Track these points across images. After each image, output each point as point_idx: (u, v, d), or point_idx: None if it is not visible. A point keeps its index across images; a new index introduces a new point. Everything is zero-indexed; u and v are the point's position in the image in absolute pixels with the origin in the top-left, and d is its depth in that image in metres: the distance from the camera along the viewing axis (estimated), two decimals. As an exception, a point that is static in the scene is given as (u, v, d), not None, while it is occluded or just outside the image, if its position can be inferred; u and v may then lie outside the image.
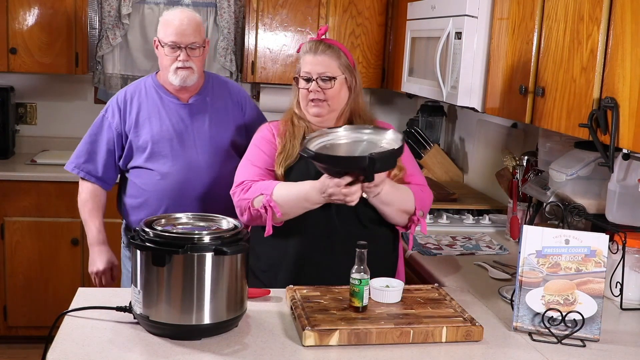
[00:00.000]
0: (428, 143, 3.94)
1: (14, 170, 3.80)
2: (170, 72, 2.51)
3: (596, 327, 1.82)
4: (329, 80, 2.18)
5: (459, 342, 1.76)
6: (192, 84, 2.56)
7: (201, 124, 2.59)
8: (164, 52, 2.51)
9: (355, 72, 2.26)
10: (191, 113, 2.59)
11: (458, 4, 2.70)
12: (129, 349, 1.64)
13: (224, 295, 1.70)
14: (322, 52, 2.20)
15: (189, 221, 1.86)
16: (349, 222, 2.16)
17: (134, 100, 2.60)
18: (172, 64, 2.50)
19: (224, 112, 2.65)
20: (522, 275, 1.84)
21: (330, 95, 2.19)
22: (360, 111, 2.27)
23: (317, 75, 2.18)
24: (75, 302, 1.89)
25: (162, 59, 2.54)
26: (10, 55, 3.85)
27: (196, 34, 2.52)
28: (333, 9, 3.98)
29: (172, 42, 2.48)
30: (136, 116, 2.59)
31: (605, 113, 1.87)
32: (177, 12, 2.55)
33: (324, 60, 2.19)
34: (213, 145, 2.59)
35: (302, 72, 2.22)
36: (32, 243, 3.76)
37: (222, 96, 2.66)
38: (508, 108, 2.45)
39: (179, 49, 2.48)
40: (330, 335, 1.69)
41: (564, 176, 2.30)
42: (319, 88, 2.18)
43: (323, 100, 2.19)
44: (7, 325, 3.83)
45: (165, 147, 2.55)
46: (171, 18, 2.52)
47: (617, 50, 1.85)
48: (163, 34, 2.51)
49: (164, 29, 2.52)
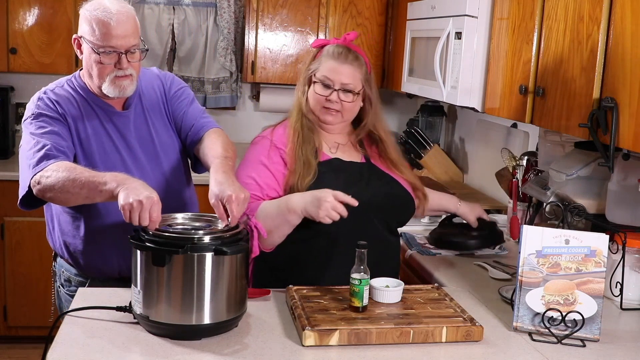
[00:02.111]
0: (428, 143, 3.94)
1: (14, 170, 3.80)
2: (105, 83, 2.05)
3: (596, 327, 1.82)
4: (351, 93, 2.12)
5: (459, 342, 1.76)
6: (131, 94, 2.13)
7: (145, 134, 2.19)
8: (97, 58, 2.03)
9: (371, 79, 2.19)
10: (134, 124, 2.18)
11: (458, 4, 2.70)
12: (129, 349, 1.64)
13: (224, 295, 1.70)
14: (350, 62, 2.11)
15: (184, 221, 1.85)
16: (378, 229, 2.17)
17: (66, 111, 2.11)
18: (110, 73, 2.04)
19: (157, 108, 2.24)
20: (522, 275, 1.84)
21: (347, 108, 2.14)
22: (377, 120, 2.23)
23: (340, 85, 2.10)
24: (75, 302, 1.89)
25: (93, 66, 2.05)
26: (10, 55, 3.85)
27: (135, 34, 2.06)
28: (333, 9, 3.98)
29: (110, 46, 2.01)
30: (77, 134, 2.11)
31: (605, 113, 1.87)
32: (107, 4, 2.02)
33: (350, 72, 2.11)
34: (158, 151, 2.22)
35: (323, 76, 2.11)
36: (32, 243, 3.76)
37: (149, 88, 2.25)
38: (508, 108, 2.45)
39: (117, 55, 2.03)
40: (330, 335, 1.69)
41: (564, 176, 2.30)
42: (338, 99, 2.11)
43: (338, 111, 2.14)
44: (7, 325, 3.84)
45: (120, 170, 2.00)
46: (104, 15, 2.00)
47: (617, 50, 1.85)
48: (96, 36, 2.01)
49: (97, 27, 2.00)
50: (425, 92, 3.09)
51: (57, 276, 2.35)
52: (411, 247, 2.68)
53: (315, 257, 2.11)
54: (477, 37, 2.64)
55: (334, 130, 2.21)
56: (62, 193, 1.92)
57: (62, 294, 2.33)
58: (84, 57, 2.09)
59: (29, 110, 2.12)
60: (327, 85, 2.11)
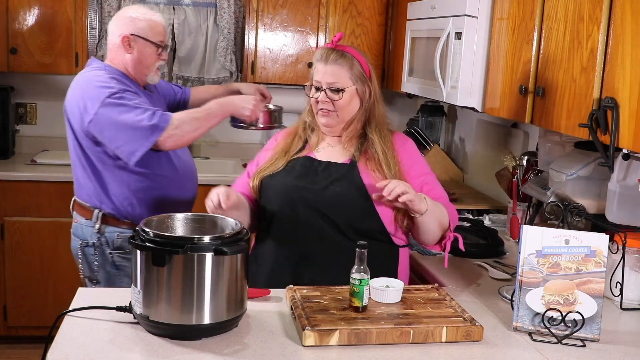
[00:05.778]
0: (428, 143, 3.95)
1: (14, 170, 3.80)
2: (152, 71, 2.63)
3: (596, 327, 1.82)
4: (338, 91, 2.15)
5: (459, 342, 1.76)
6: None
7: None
8: (151, 50, 2.59)
9: (371, 81, 2.19)
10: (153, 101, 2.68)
11: (458, 4, 2.70)
12: (129, 349, 1.64)
13: (224, 295, 1.70)
14: (333, 61, 2.14)
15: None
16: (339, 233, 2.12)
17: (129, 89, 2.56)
18: (156, 63, 2.62)
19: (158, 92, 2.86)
20: (522, 275, 1.84)
21: (339, 106, 2.16)
22: (376, 120, 2.20)
23: (327, 85, 2.15)
24: (75, 302, 1.89)
25: (147, 57, 2.60)
26: (10, 55, 3.85)
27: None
28: (333, 9, 3.98)
29: (160, 41, 2.61)
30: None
31: (605, 113, 1.88)
32: (155, 12, 2.68)
33: (334, 70, 2.14)
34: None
35: (313, 80, 2.19)
36: (32, 243, 3.76)
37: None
38: (508, 108, 2.46)
39: (163, 50, 2.63)
40: (330, 335, 1.69)
41: (564, 176, 2.30)
42: (328, 99, 2.15)
43: (332, 111, 2.17)
44: (7, 325, 3.83)
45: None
46: (157, 19, 2.63)
47: (617, 50, 1.85)
48: (152, 33, 2.59)
49: (151, 28, 2.59)
50: (425, 92, 3.09)
51: (107, 245, 2.61)
52: (411, 247, 2.68)
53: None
54: (477, 37, 2.64)
55: (334, 132, 2.22)
56: (196, 131, 2.53)
57: (116, 259, 2.62)
58: (138, 51, 2.58)
59: (110, 89, 2.47)
60: (317, 88, 2.17)
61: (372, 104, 2.20)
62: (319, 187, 2.12)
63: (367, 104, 2.19)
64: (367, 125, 2.21)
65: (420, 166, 2.22)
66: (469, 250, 2.57)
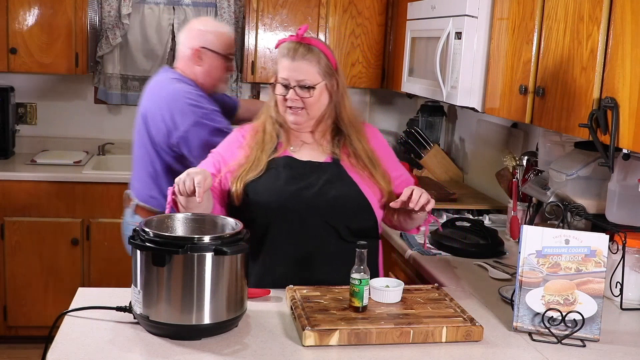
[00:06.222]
0: (428, 143, 3.94)
1: (14, 170, 3.81)
2: (222, 81, 2.78)
3: (596, 327, 1.82)
4: (308, 89, 2.05)
5: (459, 342, 1.76)
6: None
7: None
8: (220, 63, 2.70)
9: (337, 73, 2.11)
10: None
11: (458, 4, 2.70)
12: (129, 349, 1.64)
13: (224, 295, 1.70)
14: (301, 56, 2.04)
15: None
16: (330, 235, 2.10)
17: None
18: (225, 75, 2.76)
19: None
20: (522, 275, 1.84)
21: (309, 104, 2.07)
22: (344, 113, 2.14)
23: (296, 82, 2.05)
24: (75, 302, 1.88)
25: (216, 69, 2.71)
26: (10, 55, 3.85)
27: None
28: (333, 9, 3.98)
29: (229, 53, 2.73)
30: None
31: (605, 113, 1.88)
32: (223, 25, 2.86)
33: (303, 67, 2.04)
34: None
35: (280, 77, 2.07)
36: (32, 243, 3.76)
37: None
38: (508, 108, 2.46)
39: (231, 61, 2.76)
40: (330, 335, 1.69)
41: (564, 176, 2.30)
42: (297, 96, 2.06)
43: (302, 108, 2.08)
44: (7, 325, 3.84)
45: None
46: (225, 31, 2.75)
47: (617, 50, 1.85)
48: (220, 46, 2.69)
49: (220, 40, 2.69)
50: (425, 92, 3.09)
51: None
52: (411, 247, 2.68)
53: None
54: (477, 37, 2.64)
55: (304, 129, 2.15)
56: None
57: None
58: (207, 64, 2.68)
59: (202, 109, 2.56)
60: (285, 86, 2.08)
61: (340, 97, 2.13)
62: (313, 191, 2.07)
63: (335, 97, 2.12)
64: (340, 120, 2.15)
65: (393, 158, 2.26)
66: (469, 250, 2.58)
